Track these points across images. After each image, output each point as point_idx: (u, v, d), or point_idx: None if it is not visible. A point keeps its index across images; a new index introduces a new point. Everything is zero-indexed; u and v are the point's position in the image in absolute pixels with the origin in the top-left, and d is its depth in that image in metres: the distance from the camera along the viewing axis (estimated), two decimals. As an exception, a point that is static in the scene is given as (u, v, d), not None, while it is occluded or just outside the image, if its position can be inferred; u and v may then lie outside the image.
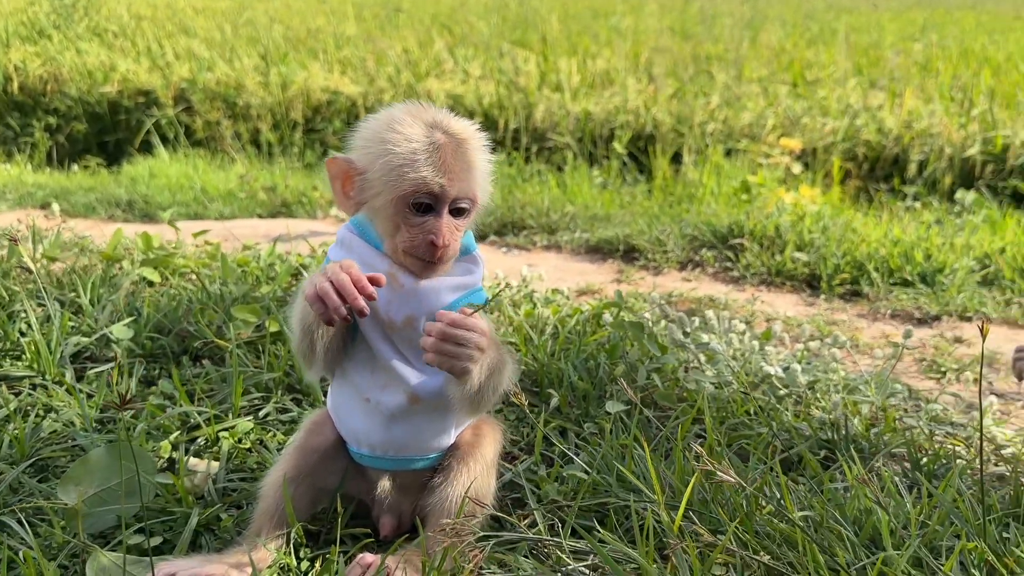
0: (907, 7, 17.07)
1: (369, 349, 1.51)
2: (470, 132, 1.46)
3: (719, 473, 1.31)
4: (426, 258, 1.44)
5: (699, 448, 1.33)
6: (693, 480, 1.42)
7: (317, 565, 1.51)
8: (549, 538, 1.35)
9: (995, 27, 13.69)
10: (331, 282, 1.33)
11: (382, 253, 1.48)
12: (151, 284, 2.65)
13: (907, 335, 2.22)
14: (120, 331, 2.19)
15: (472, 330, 1.36)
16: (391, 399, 1.50)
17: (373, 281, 1.36)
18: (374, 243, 1.49)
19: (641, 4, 15.46)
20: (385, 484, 1.59)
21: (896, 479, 1.69)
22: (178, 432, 1.88)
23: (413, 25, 12.05)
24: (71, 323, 2.30)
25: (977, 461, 1.98)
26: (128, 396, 1.10)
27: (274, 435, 1.91)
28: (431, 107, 1.49)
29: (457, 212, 1.44)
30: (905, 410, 2.33)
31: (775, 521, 1.52)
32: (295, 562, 1.50)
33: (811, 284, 3.72)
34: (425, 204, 1.41)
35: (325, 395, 2.04)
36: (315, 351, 1.46)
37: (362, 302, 1.33)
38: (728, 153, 6.96)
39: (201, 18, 13.11)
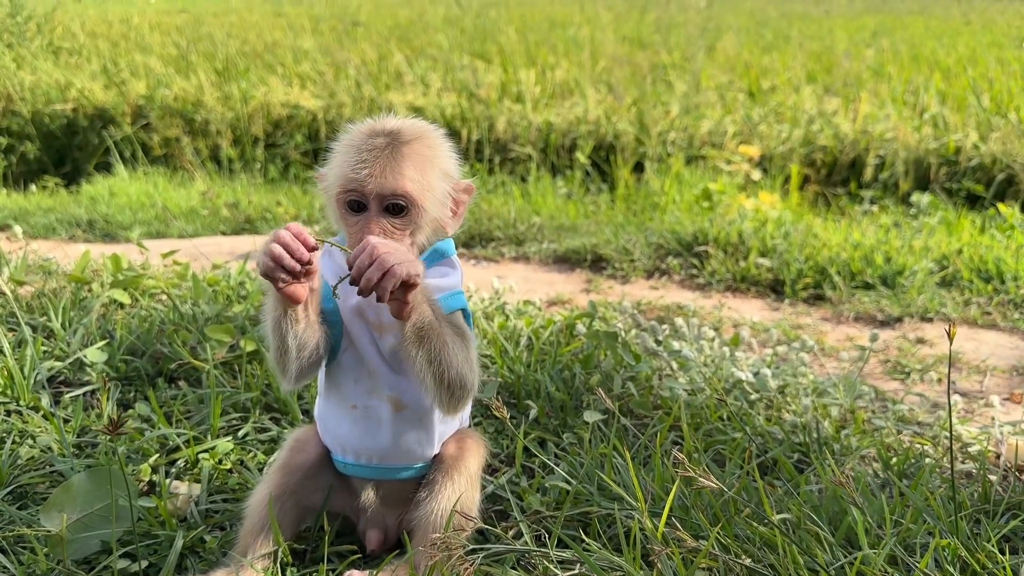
0: (858, 13, 17.42)
1: (356, 355, 1.53)
2: (416, 133, 1.47)
3: (699, 479, 1.35)
4: None
5: (679, 455, 1.37)
6: (674, 487, 1.45)
7: (304, 583, 1.52)
8: (536, 548, 1.38)
9: (944, 32, 14.02)
10: (277, 242, 1.33)
11: None
12: (122, 306, 2.63)
13: (873, 338, 2.29)
14: (94, 354, 2.18)
15: (388, 249, 1.31)
16: (377, 405, 1.53)
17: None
18: None
19: (597, 15, 15.61)
20: (370, 494, 1.60)
21: (869, 480, 1.74)
22: (157, 455, 1.88)
23: (371, 38, 12.04)
24: (43, 347, 2.28)
25: (945, 459, 2.04)
26: (119, 420, 1.10)
27: (254, 455, 1.91)
28: (398, 118, 1.51)
29: (392, 210, 1.43)
30: (873, 411, 2.39)
31: (754, 525, 1.56)
32: (282, 581, 1.50)
33: (775, 289, 3.78)
34: (356, 202, 1.44)
35: (304, 413, 2.05)
36: (288, 350, 1.45)
37: (305, 252, 1.33)
38: (689, 161, 7.05)
39: (156, 34, 12.98)
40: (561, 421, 2.11)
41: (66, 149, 8.82)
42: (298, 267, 1.33)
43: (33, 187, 7.66)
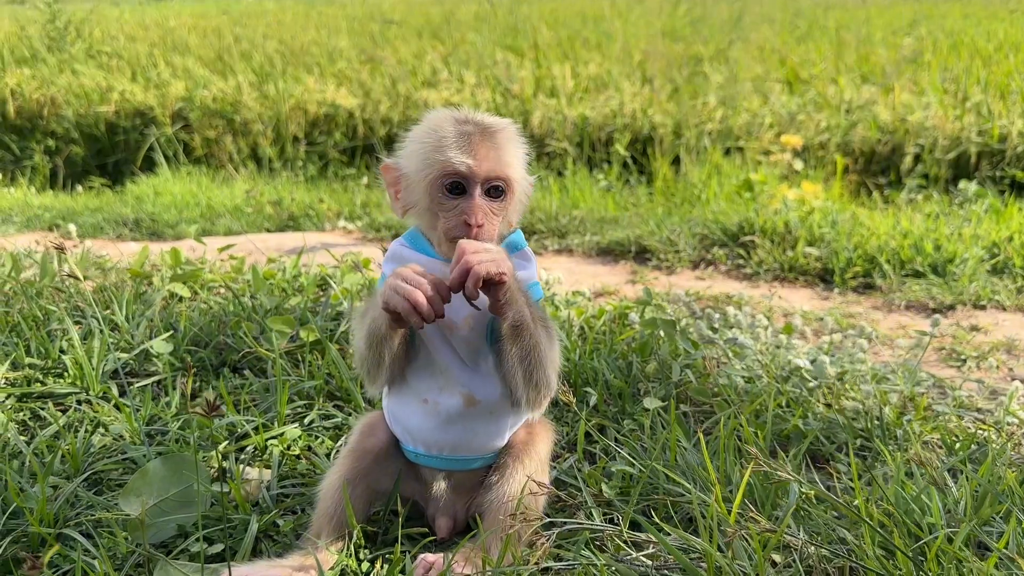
0: (894, 2, 17.18)
1: (428, 353, 1.55)
2: (501, 123, 1.50)
3: (776, 472, 1.35)
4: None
5: (752, 449, 1.37)
6: (746, 474, 1.45)
7: (377, 566, 1.54)
8: (611, 526, 1.39)
9: (983, 18, 13.78)
10: (416, 288, 1.35)
11: (434, 259, 1.51)
12: (181, 299, 2.68)
13: (935, 323, 2.27)
14: (160, 345, 2.22)
15: (475, 249, 1.35)
16: (448, 401, 1.54)
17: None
18: (425, 252, 1.53)
19: (629, 8, 15.54)
20: (440, 484, 1.62)
21: (938, 464, 1.73)
22: (227, 442, 1.91)
23: (404, 37, 12.10)
24: (110, 340, 2.33)
25: (1007, 445, 2.02)
26: (215, 403, 1.12)
27: (322, 441, 1.94)
28: (468, 110, 1.53)
29: (491, 193, 1.46)
30: (932, 398, 2.37)
31: (827, 510, 1.56)
32: (356, 563, 1.53)
33: (824, 278, 3.76)
34: (457, 184, 1.45)
35: (366, 401, 2.08)
36: (383, 363, 1.51)
37: (443, 308, 1.38)
38: (727, 153, 7.01)
39: (193, 36, 13.15)
40: (620, 408, 2.12)
41: (108, 150, 8.97)
42: (433, 317, 1.37)
43: (79, 188, 7.80)
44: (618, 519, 1.49)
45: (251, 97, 8.89)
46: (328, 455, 1.89)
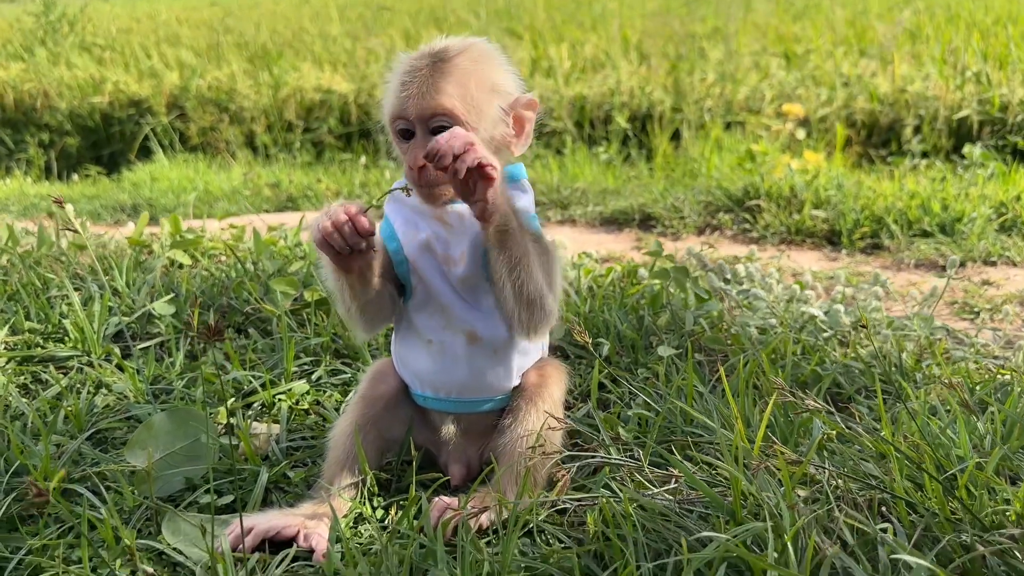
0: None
1: (427, 291, 1.50)
2: (460, 48, 1.40)
3: (801, 402, 1.31)
4: (415, 185, 1.40)
5: (776, 380, 1.33)
6: (770, 405, 1.41)
7: (392, 512, 1.51)
8: (631, 461, 1.34)
9: (979, -8, 13.68)
10: (330, 222, 1.31)
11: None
12: (182, 266, 2.63)
13: (952, 264, 2.22)
14: (162, 307, 2.18)
15: (454, 136, 1.25)
16: (452, 339, 1.50)
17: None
18: None
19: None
20: (450, 428, 1.58)
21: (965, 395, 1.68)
22: (233, 399, 1.87)
23: (399, 22, 12.02)
24: (110, 304, 2.28)
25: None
26: (216, 326, 1.08)
27: (330, 395, 1.90)
28: (449, 37, 1.45)
29: (438, 132, 1.34)
30: (949, 346, 2.33)
31: (851, 447, 1.52)
32: (371, 510, 1.49)
33: (831, 240, 3.72)
34: (405, 130, 1.40)
35: (373, 358, 2.04)
36: (351, 310, 1.48)
37: (360, 240, 1.32)
38: (727, 127, 6.96)
39: (186, 27, 13.06)
40: (633, 359, 2.08)
41: (104, 142, 8.91)
42: (348, 249, 1.33)
43: (75, 177, 7.75)
44: (638, 457, 1.44)
45: (246, 85, 8.82)
46: (337, 409, 1.85)
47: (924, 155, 6.31)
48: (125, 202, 5.69)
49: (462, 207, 1.42)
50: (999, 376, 2.06)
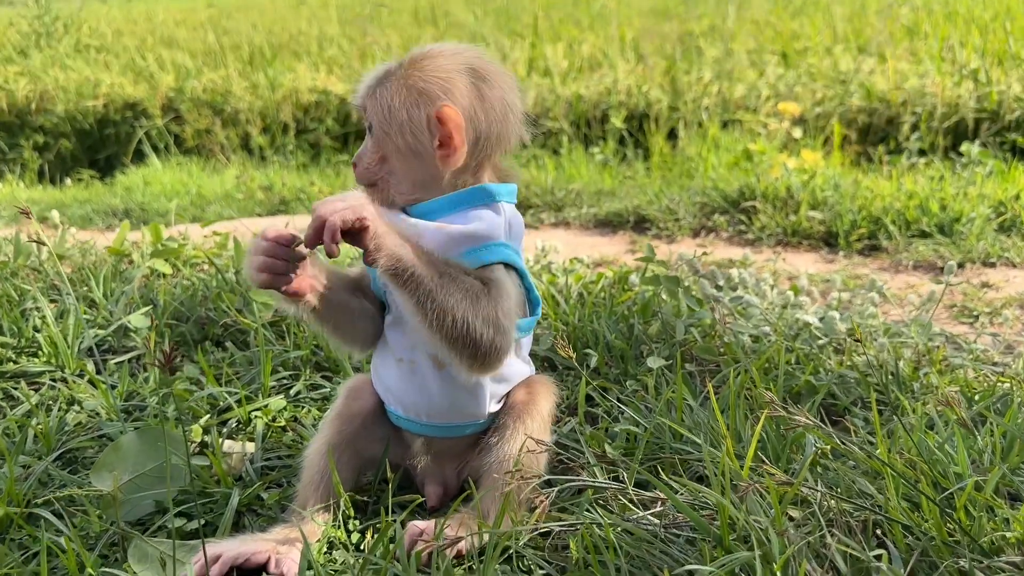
0: (888, -25, 16.98)
1: (398, 309, 1.45)
2: (422, 55, 1.38)
3: (792, 417, 1.25)
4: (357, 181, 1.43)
5: (768, 393, 1.27)
6: (760, 422, 1.36)
7: (368, 536, 1.45)
8: (616, 484, 1.29)
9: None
10: (259, 254, 1.31)
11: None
12: (163, 276, 2.58)
13: (949, 270, 2.16)
14: (138, 320, 2.12)
15: (327, 201, 1.22)
16: (420, 360, 1.44)
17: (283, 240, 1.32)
18: None
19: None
20: (419, 447, 1.52)
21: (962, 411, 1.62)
22: (208, 416, 1.81)
23: (395, 22, 11.96)
24: (86, 316, 2.23)
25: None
26: (171, 355, 1.02)
27: (309, 411, 1.84)
28: (450, 46, 1.42)
29: (369, 128, 1.40)
30: (947, 352, 2.27)
31: (844, 463, 1.46)
32: (345, 534, 1.43)
33: (828, 242, 3.66)
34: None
35: (355, 371, 1.98)
36: (331, 334, 1.47)
37: (287, 251, 1.31)
38: (724, 126, 6.90)
39: (182, 29, 13.00)
40: (622, 370, 2.02)
41: (99, 144, 8.86)
42: (288, 267, 1.31)
43: (68, 181, 7.70)
44: (623, 478, 1.39)
45: (241, 87, 8.77)
46: (315, 425, 1.79)
47: (922, 153, 6.24)
48: (117, 206, 5.64)
49: (417, 220, 1.37)
50: (999, 384, 2.00)
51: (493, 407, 1.49)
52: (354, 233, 1.21)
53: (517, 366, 1.52)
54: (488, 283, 1.30)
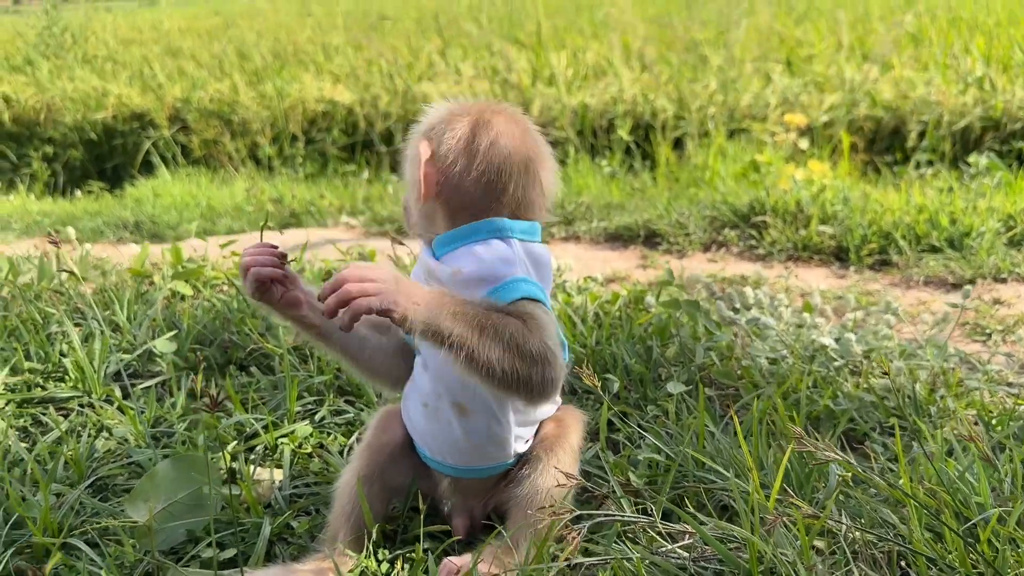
0: (891, -20, 17.01)
1: (422, 357, 1.48)
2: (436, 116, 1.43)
3: (820, 452, 1.27)
4: None
5: (796, 428, 1.29)
6: (785, 457, 1.38)
7: (398, 566, 1.47)
8: (644, 517, 1.31)
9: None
10: (250, 265, 1.40)
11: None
12: (183, 298, 2.60)
13: (965, 295, 2.19)
14: (163, 345, 2.15)
15: (359, 277, 1.22)
16: (444, 407, 1.46)
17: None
18: None
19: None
20: (446, 486, 1.55)
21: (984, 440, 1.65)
22: (235, 442, 1.84)
23: (400, 31, 12.00)
24: (111, 340, 2.25)
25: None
26: (217, 397, 1.05)
27: (334, 438, 1.87)
28: (490, 104, 1.45)
29: None
30: (963, 374, 2.29)
31: (864, 491, 1.49)
32: (376, 564, 1.45)
33: (839, 256, 3.68)
34: None
35: (378, 396, 2.01)
36: (348, 365, 1.54)
37: (274, 256, 1.40)
38: (731, 135, 6.92)
39: (187, 38, 13.06)
40: (641, 394, 2.04)
41: (107, 155, 8.90)
42: (277, 268, 1.39)
43: (78, 193, 7.73)
44: (649, 509, 1.41)
45: (248, 96, 8.81)
46: (341, 452, 1.82)
47: (929, 163, 6.26)
48: (127, 219, 5.67)
49: (452, 265, 1.38)
50: (1017, 407, 2.02)
51: (521, 448, 1.51)
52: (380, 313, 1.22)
53: (547, 407, 1.53)
54: (524, 318, 1.30)
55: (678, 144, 7.14)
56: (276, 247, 1.41)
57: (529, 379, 1.26)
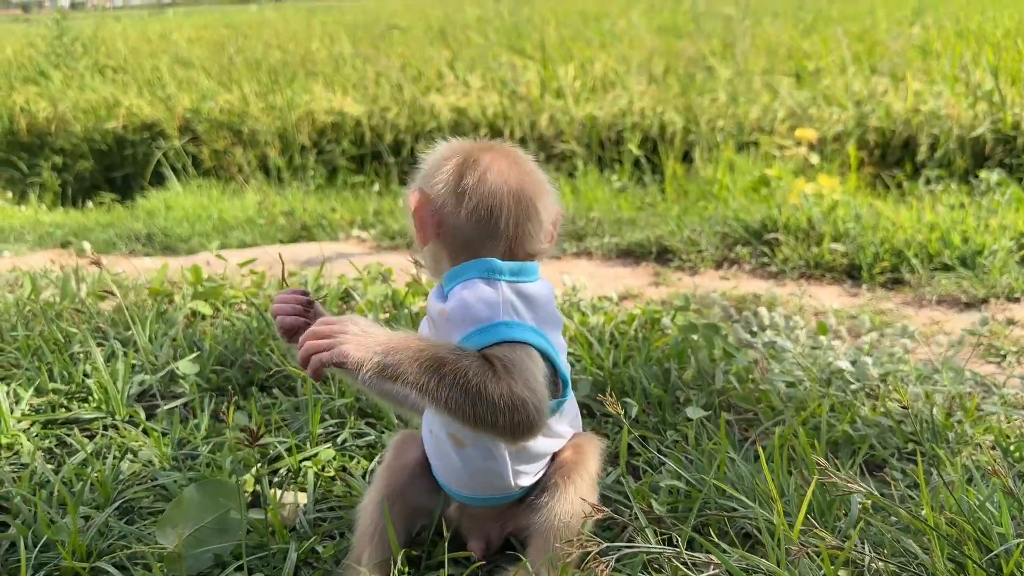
0: (897, -8, 17.05)
1: None
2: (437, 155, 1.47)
3: (844, 484, 1.28)
4: None
5: (821, 460, 1.31)
6: (810, 489, 1.39)
7: (423, 591, 1.49)
8: (670, 548, 1.33)
9: (987, 5, 13.67)
10: (276, 314, 1.50)
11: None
12: (204, 317, 2.63)
13: (984, 322, 2.20)
14: (186, 366, 2.17)
15: (315, 334, 1.31)
16: (444, 438, 1.48)
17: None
18: None
19: (629, 6, 15.48)
20: (454, 509, 1.58)
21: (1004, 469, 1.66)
22: (259, 464, 1.86)
23: (408, 42, 12.05)
24: (133, 361, 2.28)
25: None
26: (257, 431, 1.07)
27: (357, 461, 1.89)
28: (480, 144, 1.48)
29: None
30: (980, 398, 2.30)
31: (884, 520, 1.50)
32: (402, 590, 1.47)
33: (851, 274, 3.69)
34: None
35: (398, 418, 2.03)
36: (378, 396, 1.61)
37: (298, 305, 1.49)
38: (740, 148, 6.94)
39: (197, 48, 13.12)
40: (660, 418, 2.06)
41: (117, 165, 8.94)
42: (300, 315, 1.48)
43: (90, 203, 7.77)
44: (672, 538, 1.42)
45: (257, 107, 8.85)
46: (364, 475, 1.83)
47: (938, 178, 6.27)
48: (140, 231, 5.71)
49: (443, 304, 1.42)
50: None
51: (526, 482, 1.52)
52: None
53: (550, 444, 1.52)
54: (495, 363, 1.30)
55: (686, 157, 7.16)
56: (305, 293, 1.50)
57: (495, 423, 1.28)
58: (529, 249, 1.45)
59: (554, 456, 1.55)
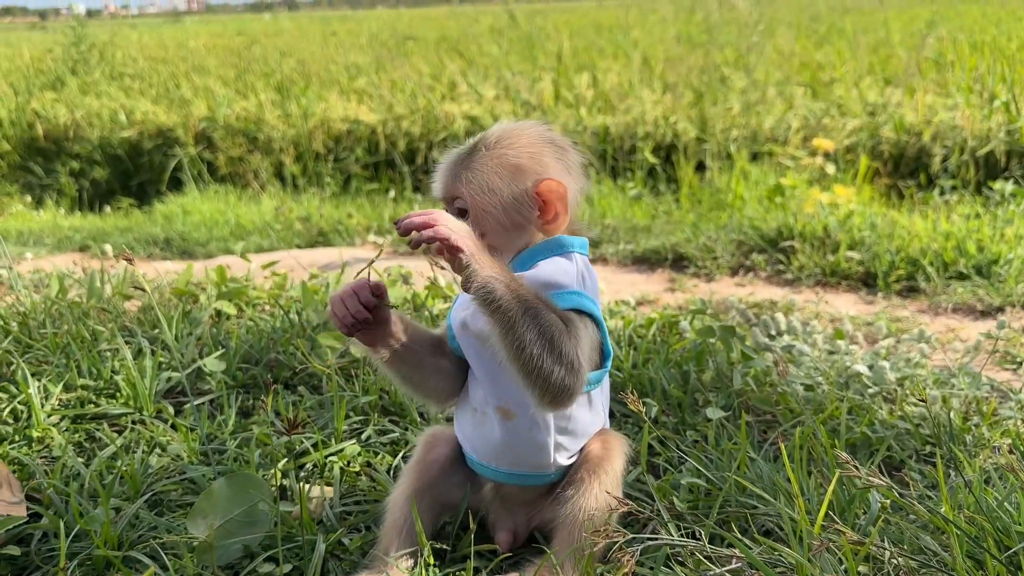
0: (911, 3, 17.09)
1: (472, 366, 1.56)
2: (497, 136, 1.49)
3: (866, 479, 1.31)
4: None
5: (843, 455, 1.33)
6: (832, 484, 1.42)
7: (449, 582, 1.51)
8: (693, 542, 1.35)
9: (1001, 18, 13.67)
10: (335, 302, 1.46)
11: None
12: (228, 317, 2.67)
13: (1001, 325, 2.22)
14: (213, 363, 2.21)
15: (448, 220, 1.34)
16: (490, 412, 1.53)
17: (376, 289, 1.45)
18: None
19: (644, 16, 15.55)
20: (488, 490, 1.61)
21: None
22: (286, 460, 1.89)
23: (423, 52, 12.14)
24: (160, 358, 2.31)
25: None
26: (296, 419, 1.10)
27: (382, 457, 1.92)
28: (506, 122, 1.54)
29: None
30: (997, 402, 2.31)
31: (903, 518, 1.52)
32: (428, 580, 1.50)
33: (866, 283, 3.70)
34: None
35: (420, 416, 2.06)
36: (403, 385, 1.61)
37: (362, 311, 1.44)
38: (753, 158, 6.96)
39: (212, 56, 13.25)
40: (680, 419, 2.08)
41: (133, 172, 9.02)
42: (356, 324, 1.44)
43: (108, 208, 7.84)
44: (696, 533, 1.45)
45: (273, 115, 8.93)
46: (389, 471, 1.86)
47: (952, 189, 6.28)
48: (158, 235, 5.76)
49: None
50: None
51: (564, 461, 1.56)
52: (451, 257, 1.34)
53: (590, 420, 1.58)
54: (569, 323, 1.38)
55: (699, 167, 7.19)
56: (380, 287, 1.47)
57: (551, 375, 1.34)
58: (575, 225, 1.55)
59: (581, 449, 1.58)
